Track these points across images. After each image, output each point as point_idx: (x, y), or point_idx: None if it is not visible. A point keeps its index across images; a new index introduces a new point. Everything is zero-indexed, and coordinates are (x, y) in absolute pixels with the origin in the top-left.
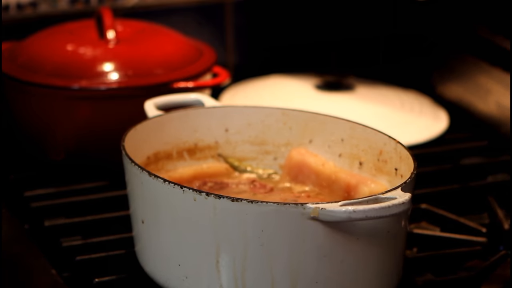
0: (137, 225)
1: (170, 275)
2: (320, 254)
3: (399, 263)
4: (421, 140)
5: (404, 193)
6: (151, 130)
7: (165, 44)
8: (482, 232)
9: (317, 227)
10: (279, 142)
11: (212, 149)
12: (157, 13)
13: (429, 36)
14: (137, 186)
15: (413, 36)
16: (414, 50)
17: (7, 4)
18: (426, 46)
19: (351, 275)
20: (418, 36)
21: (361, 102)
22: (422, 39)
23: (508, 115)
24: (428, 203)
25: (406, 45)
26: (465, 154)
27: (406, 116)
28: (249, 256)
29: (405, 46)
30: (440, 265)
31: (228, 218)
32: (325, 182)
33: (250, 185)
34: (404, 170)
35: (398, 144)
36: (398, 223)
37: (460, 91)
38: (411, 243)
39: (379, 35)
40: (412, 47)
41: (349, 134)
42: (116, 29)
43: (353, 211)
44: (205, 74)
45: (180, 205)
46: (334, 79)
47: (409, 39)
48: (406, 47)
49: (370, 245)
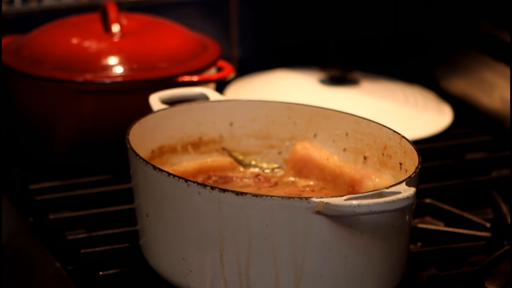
0: (141, 219)
1: (174, 269)
2: (324, 249)
3: (403, 258)
4: (426, 134)
5: (408, 187)
6: (155, 124)
7: (170, 37)
8: (486, 227)
9: (322, 222)
10: (283, 136)
11: (216, 143)
12: (161, 7)
13: (432, 33)
14: (141, 179)
15: (415, 36)
16: (416, 49)
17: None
18: (428, 45)
19: (355, 269)
20: (419, 36)
21: (365, 96)
22: (423, 39)
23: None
24: (432, 198)
25: (408, 44)
26: (469, 149)
27: (411, 110)
28: (253, 250)
29: (407, 45)
30: (444, 259)
31: (232, 212)
32: (330, 177)
33: (254, 179)
34: (409, 165)
35: (402, 139)
36: (402, 217)
37: (464, 86)
38: (415, 238)
39: (383, 35)
40: (414, 46)
41: (354, 128)
42: (121, 23)
43: (358, 205)
44: (210, 68)
45: (185, 199)
46: (338, 73)
47: (411, 38)
48: (408, 47)
49: (374, 240)
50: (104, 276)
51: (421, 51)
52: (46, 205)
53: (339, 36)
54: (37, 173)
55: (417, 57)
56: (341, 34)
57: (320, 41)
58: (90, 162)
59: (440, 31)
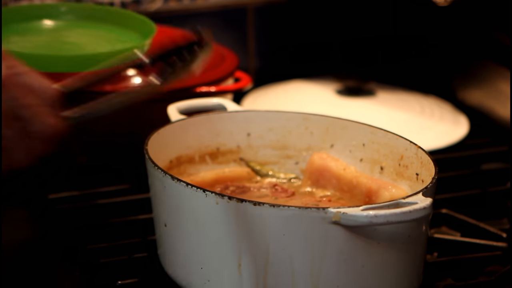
0: (159, 229)
1: (192, 278)
2: (341, 258)
3: (419, 268)
4: (442, 145)
5: (425, 198)
6: (174, 134)
7: None
8: (503, 237)
9: (338, 232)
10: (300, 147)
11: (234, 153)
12: (179, 18)
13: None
14: (160, 189)
15: (415, 36)
16: (417, 49)
17: None
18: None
19: (371, 279)
20: (419, 36)
21: (381, 107)
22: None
23: None
24: (448, 208)
25: (408, 44)
26: (485, 159)
27: (427, 121)
28: (271, 259)
29: (408, 46)
30: (460, 269)
31: (250, 222)
32: (346, 187)
33: (271, 189)
34: (425, 175)
35: (419, 149)
36: (419, 227)
37: (481, 97)
38: (432, 248)
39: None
40: (414, 46)
41: (370, 139)
42: None
43: (375, 215)
44: (227, 79)
45: (203, 209)
46: (354, 84)
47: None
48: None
49: (391, 250)
50: (122, 285)
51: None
52: (65, 215)
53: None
54: (57, 183)
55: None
56: (349, 39)
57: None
58: (109, 171)
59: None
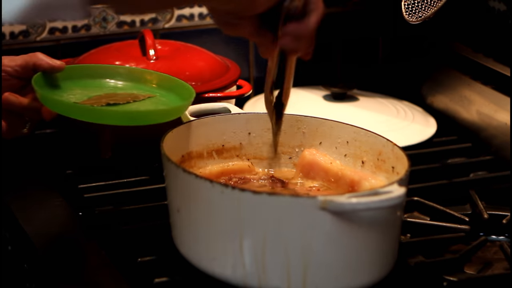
0: (173, 214)
1: (201, 256)
2: (328, 240)
3: (395, 247)
4: (414, 142)
5: (399, 187)
6: (185, 133)
7: (197, 60)
8: (465, 220)
9: (326, 217)
10: (293, 144)
11: (237, 150)
12: (190, 34)
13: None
14: (173, 180)
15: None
16: (416, 49)
17: (66, 26)
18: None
19: (354, 257)
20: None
21: (363, 110)
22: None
23: (487, 122)
24: (419, 196)
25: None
26: (450, 154)
27: (401, 122)
28: (268, 241)
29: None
30: (429, 248)
31: (250, 208)
32: (333, 178)
33: (269, 180)
34: (400, 168)
35: (394, 146)
36: (394, 213)
37: (446, 101)
38: (405, 230)
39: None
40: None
41: (353, 137)
42: (156, 48)
43: (357, 203)
44: (231, 86)
45: (209, 197)
46: (340, 91)
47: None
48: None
49: (371, 232)
50: (141, 262)
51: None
52: (93, 202)
53: None
54: (86, 174)
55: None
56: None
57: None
58: (130, 165)
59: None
